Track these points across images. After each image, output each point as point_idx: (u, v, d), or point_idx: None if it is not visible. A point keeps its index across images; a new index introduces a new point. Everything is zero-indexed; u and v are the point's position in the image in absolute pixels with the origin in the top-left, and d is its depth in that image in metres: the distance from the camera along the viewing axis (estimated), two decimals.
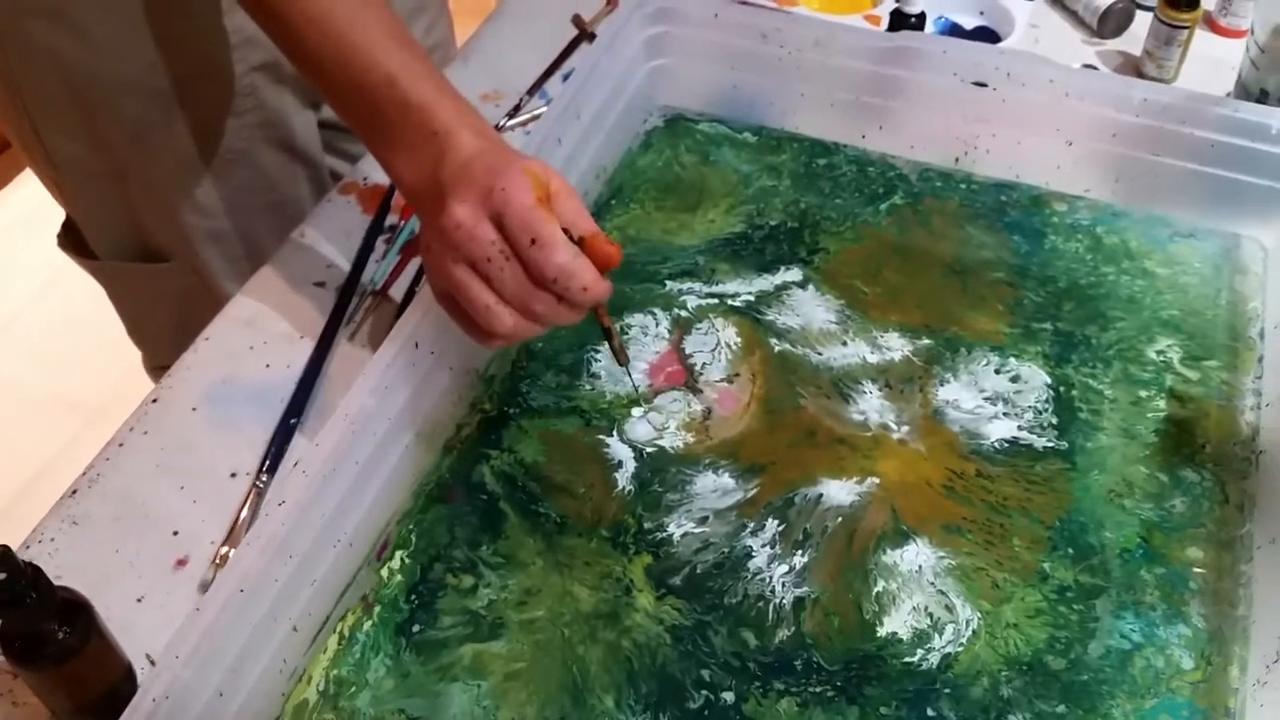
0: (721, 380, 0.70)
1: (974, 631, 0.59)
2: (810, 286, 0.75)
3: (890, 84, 0.82)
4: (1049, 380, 0.70)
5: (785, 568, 0.61)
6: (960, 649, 0.58)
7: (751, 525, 0.63)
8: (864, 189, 0.82)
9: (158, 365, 0.98)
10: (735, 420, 0.68)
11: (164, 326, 0.94)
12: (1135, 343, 0.72)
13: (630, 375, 0.69)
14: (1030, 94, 0.79)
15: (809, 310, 0.74)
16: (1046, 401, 0.69)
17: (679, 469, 0.66)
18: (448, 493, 0.65)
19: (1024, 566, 0.62)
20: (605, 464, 0.66)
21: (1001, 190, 0.82)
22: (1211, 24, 0.97)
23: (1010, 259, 0.77)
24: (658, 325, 0.73)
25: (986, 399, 0.69)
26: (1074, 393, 0.69)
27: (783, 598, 0.60)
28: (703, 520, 0.64)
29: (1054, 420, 0.68)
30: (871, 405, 0.69)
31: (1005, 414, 0.68)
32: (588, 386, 0.70)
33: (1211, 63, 0.92)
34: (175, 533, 0.65)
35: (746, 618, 0.60)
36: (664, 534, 0.63)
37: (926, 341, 0.72)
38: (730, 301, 0.75)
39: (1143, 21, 0.95)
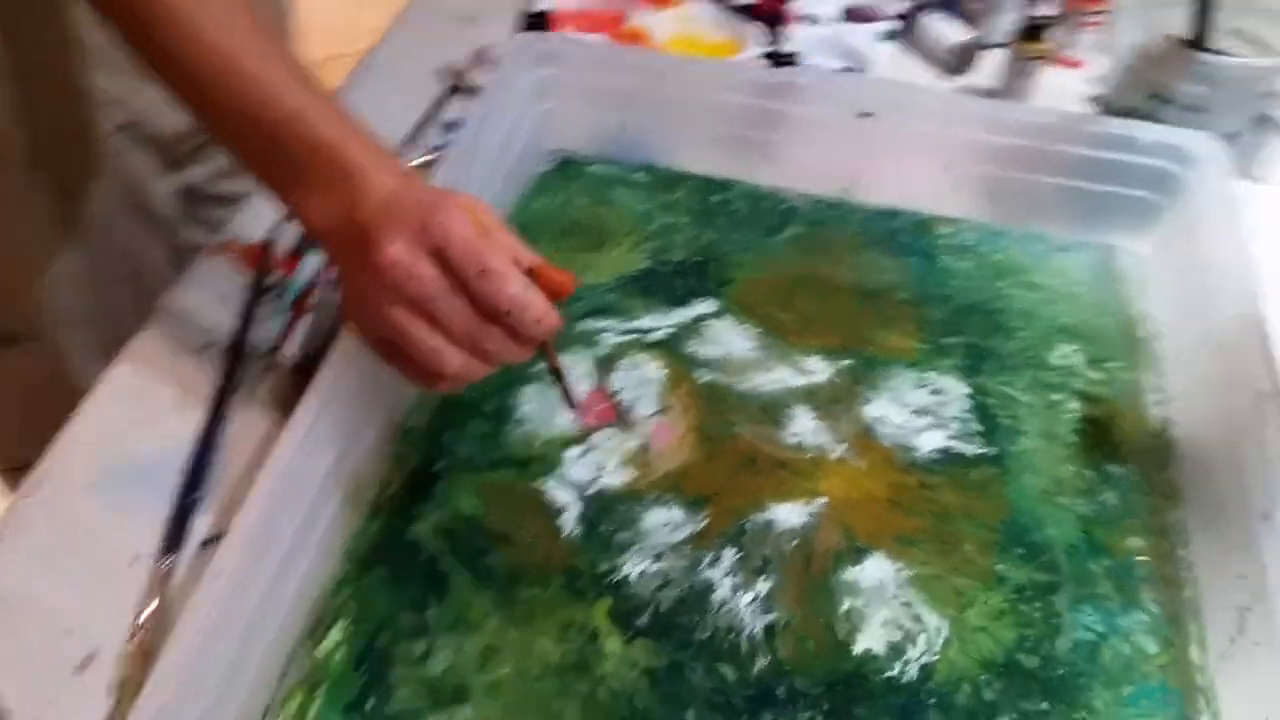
0: (653, 414, 0.68)
1: (945, 639, 0.58)
2: (726, 316, 0.75)
3: (775, 119, 0.83)
4: (967, 390, 0.71)
5: (750, 596, 0.60)
6: (936, 658, 0.58)
7: (708, 557, 0.61)
8: (760, 222, 0.82)
9: (7, 468, 0.88)
10: (673, 453, 0.67)
11: (12, 419, 0.85)
12: (1039, 350, 0.74)
13: (575, 415, 0.67)
14: (909, 122, 0.81)
15: (728, 339, 0.73)
16: (968, 411, 0.70)
17: (625, 507, 0.63)
18: (383, 555, 0.61)
19: (979, 570, 0.62)
20: (547, 509, 0.63)
21: (889, 217, 0.84)
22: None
23: (909, 280, 0.79)
24: (579, 365, 0.71)
25: (913, 413, 0.70)
26: (992, 401, 0.71)
27: (753, 627, 0.58)
28: (658, 556, 0.61)
29: (979, 428, 0.69)
30: (805, 427, 0.68)
31: (933, 426, 0.69)
32: (516, 431, 0.67)
33: (1054, 92, 0.97)
34: (74, 630, 0.57)
35: (721, 651, 0.57)
36: (621, 575, 0.60)
37: (847, 362, 0.72)
38: (649, 336, 0.73)
39: (988, 56, 1.00)
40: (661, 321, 0.74)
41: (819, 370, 0.72)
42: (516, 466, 0.65)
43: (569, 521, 0.62)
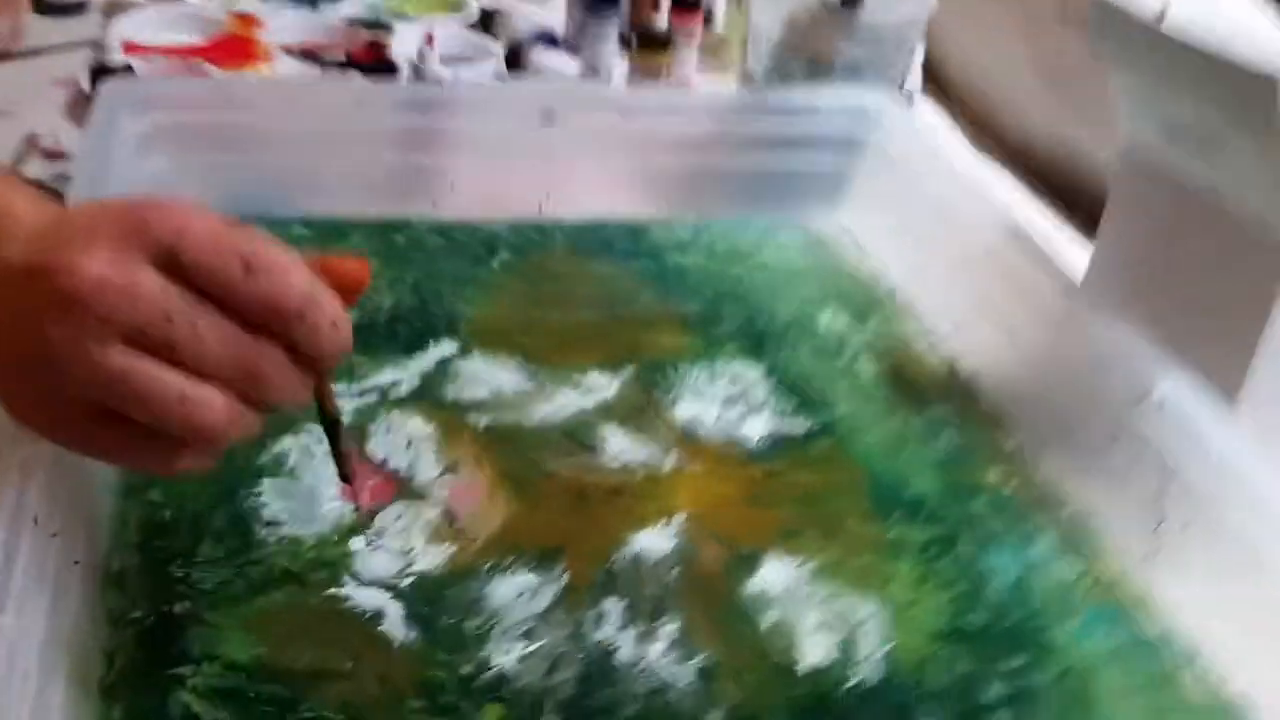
0: (442, 474, 0.53)
1: (886, 623, 0.49)
2: (473, 354, 0.61)
3: (441, 140, 0.72)
4: (763, 371, 0.64)
5: (661, 644, 0.46)
6: (890, 647, 0.48)
7: (590, 615, 0.47)
8: (463, 254, 0.70)
9: None
10: (487, 512, 0.52)
11: None
12: (804, 322, 0.69)
13: (345, 491, 0.50)
14: (593, 124, 0.74)
15: (489, 376, 0.60)
16: (774, 389, 0.62)
17: (460, 588, 0.47)
18: None
19: (875, 542, 0.53)
20: (358, 621, 0.46)
21: (598, 229, 0.75)
22: None
23: (649, 283, 0.70)
24: (321, 442, 0.53)
25: (725, 404, 0.61)
26: (791, 375, 0.64)
27: (680, 676, 0.45)
28: (529, 634, 0.46)
29: (795, 403, 0.62)
30: (622, 446, 0.57)
31: (750, 412, 0.60)
32: (273, 539, 0.49)
33: None
34: None
35: (660, 717, 0.43)
36: (494, 670, 0.44)
37: (631, 369, 0.62)
38: (394, 392, 0.58)
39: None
40: (402, 374, 0.59)
41: (604, 385, 0.61)
42: (292, 581, 0.47)
43: (394, 627, 0.45)
